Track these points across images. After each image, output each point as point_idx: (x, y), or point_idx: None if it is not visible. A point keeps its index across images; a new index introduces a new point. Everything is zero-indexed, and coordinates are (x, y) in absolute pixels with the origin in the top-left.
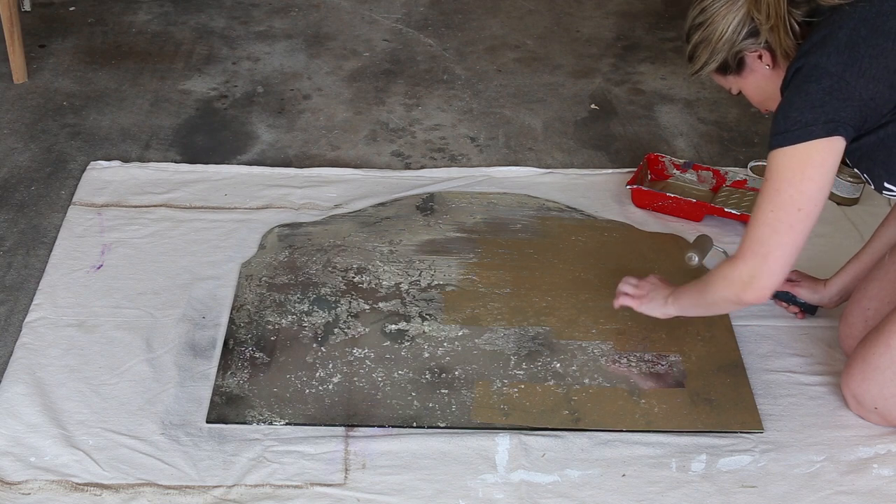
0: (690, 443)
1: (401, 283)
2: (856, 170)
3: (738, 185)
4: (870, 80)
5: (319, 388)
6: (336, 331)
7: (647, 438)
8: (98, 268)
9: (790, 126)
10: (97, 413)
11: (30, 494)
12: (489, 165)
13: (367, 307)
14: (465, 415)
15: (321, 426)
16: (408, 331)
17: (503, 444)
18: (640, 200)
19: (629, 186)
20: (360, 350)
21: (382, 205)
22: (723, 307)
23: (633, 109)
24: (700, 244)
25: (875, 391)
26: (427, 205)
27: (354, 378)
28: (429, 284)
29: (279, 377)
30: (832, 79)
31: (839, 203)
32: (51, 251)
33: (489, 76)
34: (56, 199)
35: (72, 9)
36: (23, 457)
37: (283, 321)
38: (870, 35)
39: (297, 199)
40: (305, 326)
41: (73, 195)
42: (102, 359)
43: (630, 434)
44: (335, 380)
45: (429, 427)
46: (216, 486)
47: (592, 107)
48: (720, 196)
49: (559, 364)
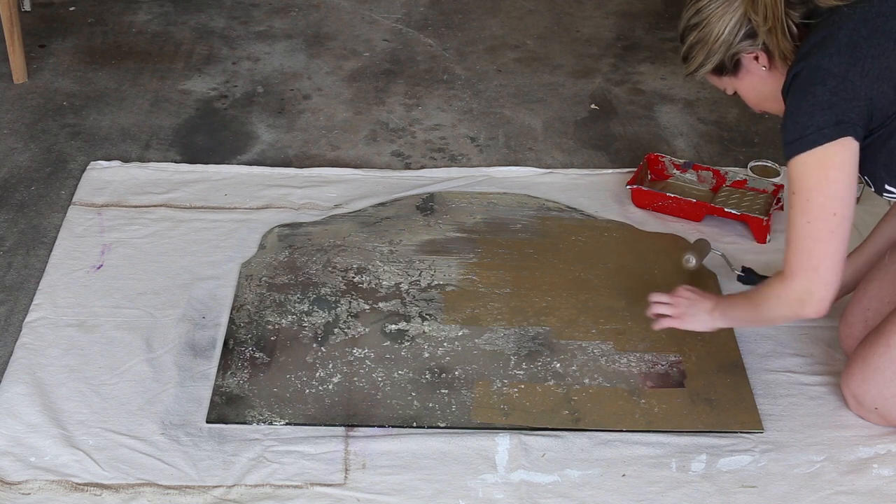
0: (690, 443)
1: (401, 283)
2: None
3: (738, 185)
4: (873, 81)
5: (319, 388)
6: (336, 331)
7: (647, 438)
8: (98, 268)
9: (802, 132)
10: (97, 413)
11: (30, 494)
12: (489, 165)
13: (367, 307)
14: (465, 415)
15: (321, 426)
16: (408, 331)
17: (503, 444)
18: (640, 200)
19: (629, 186)
20: (360, 350)
21: (382, 205)
22: (781, 322)
23: (633, 109)
24: (698, 247)
25: (875, 391)
26: (427, 205)
27: (354, 378)
28: (429, 284)
29: (279, 377)
30: (836, 80)
31: None
32: (51, 251)
33: (489, 76)
34: (56, 199)
35: (72, 9)
36: (23, 457)
37: (283, 321)
38: (870, 35)
39: (297, 199)
40: (305, 326)
41: (73, 195)
42: (102, 359)
43: (630, 434)
44: (335, 380)
45: (429, 427)
46: (216, 486)
47: (592, 107)
48: (720, 196)
49: (559, 364)
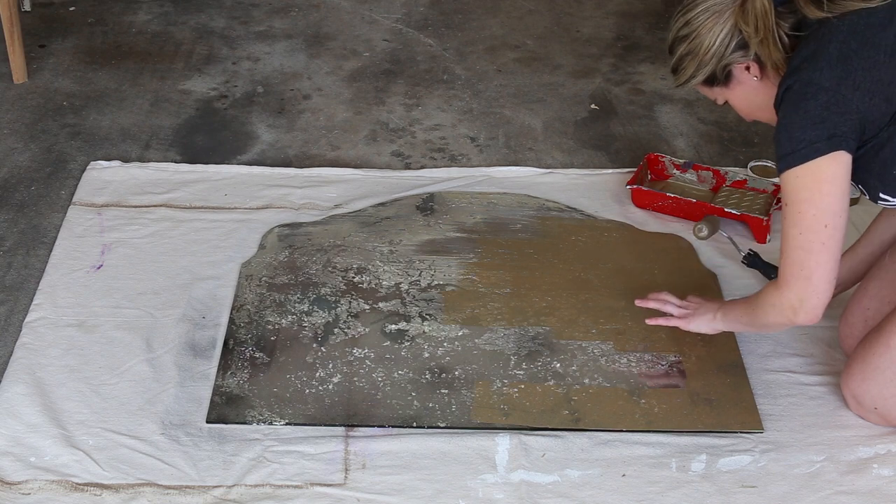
0: (690, 443)
1: (401, 283)
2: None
3: (738, 185)
4: (865, 94)
5: (319, 388)
6: (336, 331)
7: (647, 438)
8: (98, 268)
9: (795, 146)
10: (97, 413)
11: (30, 494)
12: (489, 165)
13: (367, 307)
14: (465, 415)
15: (321, 426)
16: (408, 331)
17: (503, 444)
18: (640, 200)
19: (629, 186)
20: (360, 350)
21: (382, 205)
22: (776, 329)
23: (633, 109)
24: (710, 220)
25: (875, 391)
26: (427, 205)
27: (354, 378)
28: (429, 284)
29: (279, 377)
30: (828, 94)
31: None
32: (51, 251)
33: (489, 76)
34: (56, 199)
35: (72, 9)
36: (23, 457)
37: (283, 321)
38: (860, 48)
39: (297, 199)
40: (305, 326)
41: (73, 195)
42: (102, 359)
43: (630, 434)
44: (335, 380)
45: (429, 427)
46: (216, 486)
47: (592, 107)
48: (720, 196)
49: (559, 364)
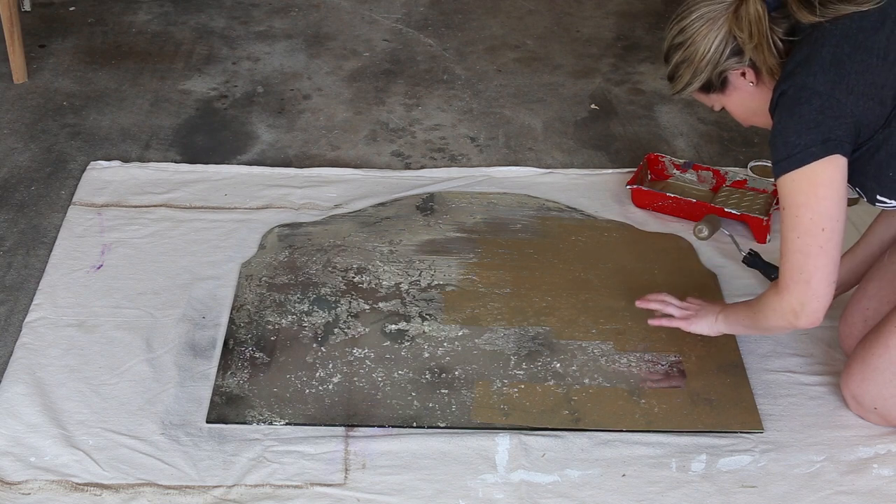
0: (690, 443)
1: (401, 283)
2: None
3: (738, 185)
4: (858, 97)
5: (319, 388)
6: (336, 331)
7: (647, 438)
8: (98, 268)
9: (791, 151)
10: (97, 413)
11: (30, 494)
12: (489, 165)
13: (367, 307)
14: (465, 415)
15: (321, 426)
16: (408, 331)
17: (503, 444)
18: (640, 200)
19: (629, 186)
20: (360, 350)
21: (382, 205)
22: (778, 332)
23: (633, 109)
24: (710, 220)
25: (874, 391)
26: (427, 205)
27: (354, 378)
28: (429, 284)
29: (279, 377)
30: (822, 98)
31: None
32: (51, 251)
33: (489, 76)
34: (56, 199)
35: (72, 9)
36: (23, 457)
37: (283, 321)
38: (853, 52)
39: (297, 199)
40: (305, 326)
41: (73, 195)
42: (102, 359)
43: (630, 434)
44: (335, 380)
45: (429, 427)
46: (216, 486)
47: (592, 107)
48: (720, 196)
49: (559, 364)
